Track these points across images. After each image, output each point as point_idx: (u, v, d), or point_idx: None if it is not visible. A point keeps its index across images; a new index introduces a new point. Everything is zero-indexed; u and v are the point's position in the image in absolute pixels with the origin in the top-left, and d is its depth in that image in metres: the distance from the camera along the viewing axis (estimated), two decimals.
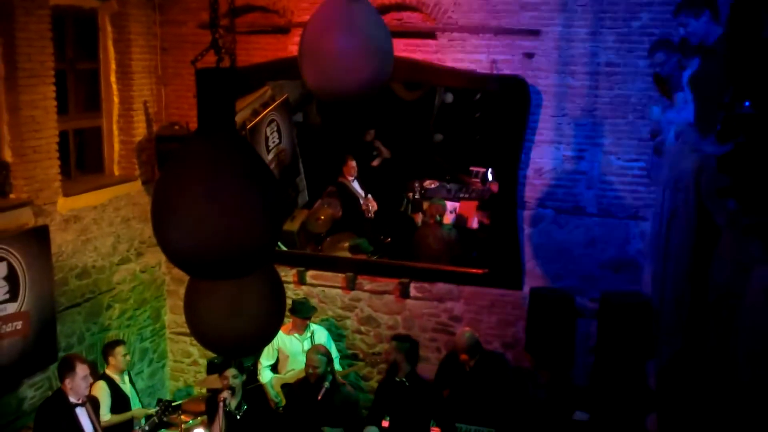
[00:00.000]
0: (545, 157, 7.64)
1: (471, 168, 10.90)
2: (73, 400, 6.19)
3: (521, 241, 7.81)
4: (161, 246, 3.58)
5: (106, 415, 7.00)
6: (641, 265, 7.43)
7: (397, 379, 7.07)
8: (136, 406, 7.41)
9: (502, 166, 7.94)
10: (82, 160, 8.37)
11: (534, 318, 7.50)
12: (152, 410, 6.98)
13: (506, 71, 7.56)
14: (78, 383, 6.18)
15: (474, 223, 9.91)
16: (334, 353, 8.06)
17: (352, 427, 7.29)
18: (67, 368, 6.20)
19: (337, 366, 7.98)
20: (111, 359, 7.32)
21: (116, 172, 8.56)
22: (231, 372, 6.67)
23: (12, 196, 7.00)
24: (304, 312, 7.94)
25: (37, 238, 7.04)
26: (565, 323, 7.38)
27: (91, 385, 6.52)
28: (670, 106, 6.54)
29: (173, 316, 9.33)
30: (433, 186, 10.78)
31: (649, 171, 7.14)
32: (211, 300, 4.16)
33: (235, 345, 4.30)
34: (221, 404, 6.49)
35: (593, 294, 7.54)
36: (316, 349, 7.22)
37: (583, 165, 7.53)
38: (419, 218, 9.47)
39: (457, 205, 10.13)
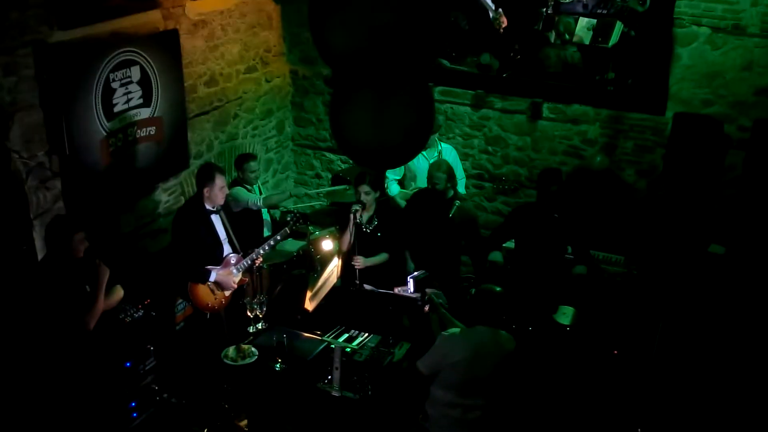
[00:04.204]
0: None
1: None
2: (208, 207, 6.26)
3: (668, 62, 7.26)
4: (318, 46, 3.37)
5: (258, 201, 7.20)
6: None
7: (556, 215, 6.70)
8: (265, 218, 7.53)
9: None
10: None
11: (675, 145, 7.12)
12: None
13: None
14: (215, 193, 6.23)
15: (612, 42, 9.27)
16: (461, 173, 7.90)
17: (471, 241, 7.33)
18: (207, 177, 6.23)
19: (461, 189, 7.83)
20: (240, 173, 7.35)
21: None
22: (364, 188, 6.59)
23: None
24: None
25: (167, 43, 6.94)
26: (709, 152, 6.98)
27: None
28: None
29: (297, 128, 9.29)
30: (567, 0, 10.08)
31: None
32: (357, 110, 4.02)
33: (380, 156, 4.18)
34: (352, 217, 6.47)
35: (744, 122, 7.06)
36: (437, 166, 7.16)
37: None
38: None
39: (594, 21, 9.47)
